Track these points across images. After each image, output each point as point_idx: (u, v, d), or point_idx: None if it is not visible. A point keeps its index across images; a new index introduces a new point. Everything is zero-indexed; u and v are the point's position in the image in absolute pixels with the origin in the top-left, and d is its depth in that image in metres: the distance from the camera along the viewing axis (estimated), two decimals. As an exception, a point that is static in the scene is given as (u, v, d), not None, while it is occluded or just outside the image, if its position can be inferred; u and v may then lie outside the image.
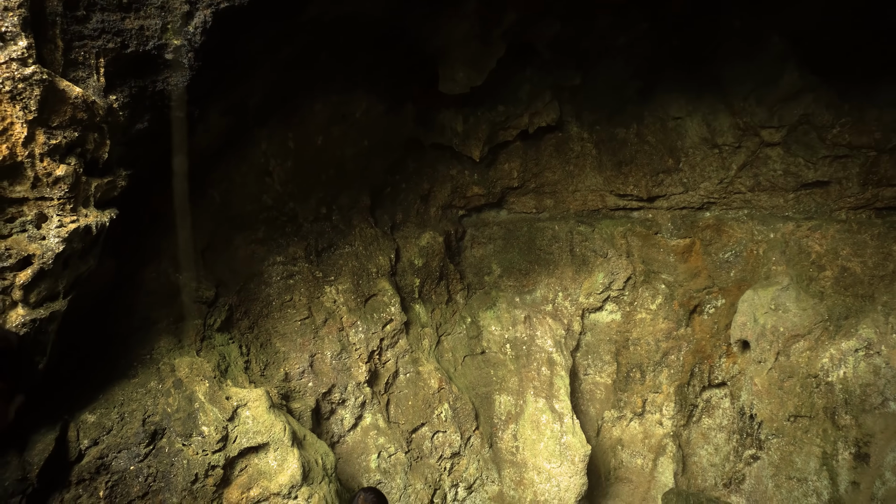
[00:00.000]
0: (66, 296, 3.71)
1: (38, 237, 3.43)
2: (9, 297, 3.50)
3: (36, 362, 3.76)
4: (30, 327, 3.57)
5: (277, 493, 4.49)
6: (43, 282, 3.53)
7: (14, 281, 3.45)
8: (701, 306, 6.80)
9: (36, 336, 3.66)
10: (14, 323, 3.55)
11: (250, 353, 5.33)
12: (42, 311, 3.61)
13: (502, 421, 6.66)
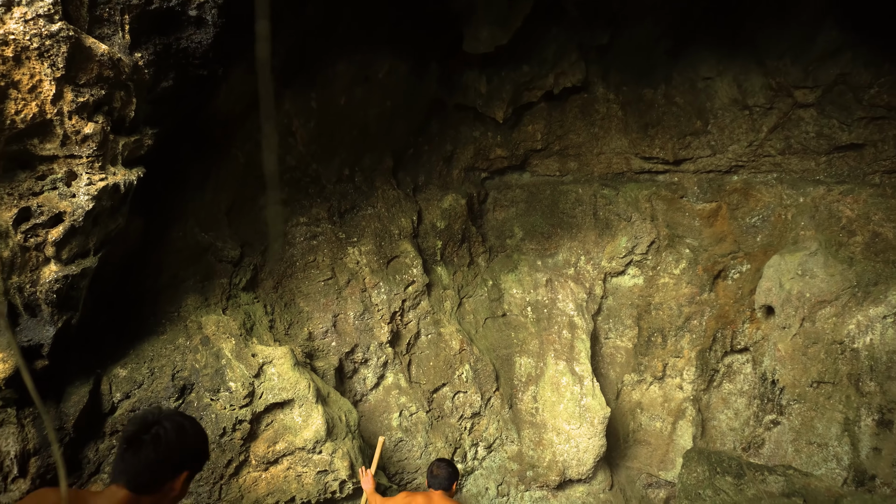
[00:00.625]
0: (96, 253, 3.78)
1: (68, 195, 3.48)
2: (42, 254, 3.58)
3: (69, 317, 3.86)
4: (62, 283, 3.65)
5: (302, 447, 4.61)
6: (74, 239, 3.59)
7: (46, 237, 3.52)
8: (725, 271, 6.73)
9: (68, 292, 3.74)
10: (47, 279, 3.64)
11: (275, 313, 5.42)
12: (74, 267, 3.68)
13: (522, 383, 6.72)
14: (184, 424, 1.92)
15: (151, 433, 1.86)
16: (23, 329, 3.74)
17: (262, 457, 4.57)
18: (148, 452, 1.83)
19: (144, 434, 1.85)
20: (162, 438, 1.85)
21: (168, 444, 1.85)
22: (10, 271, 3.58)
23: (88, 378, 4.25)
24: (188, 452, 1.95)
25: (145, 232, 4.66)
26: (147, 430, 1.86)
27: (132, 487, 1.83)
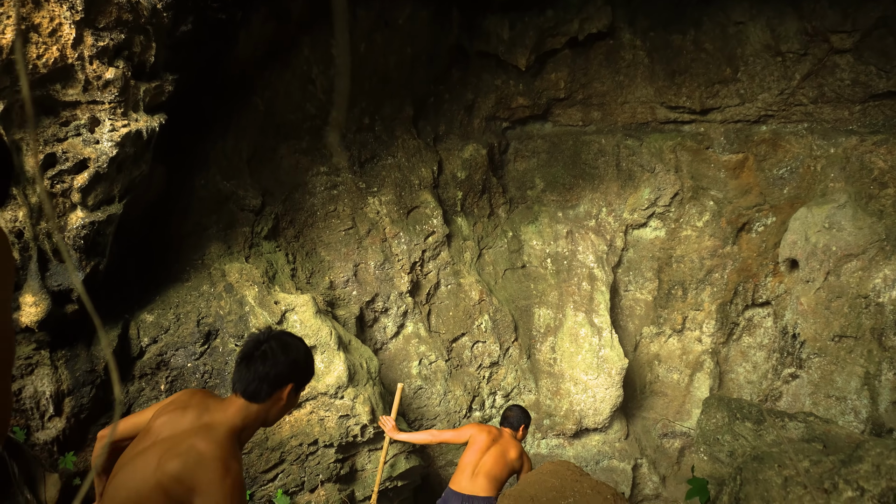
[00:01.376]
0: (121, 199, 3.82)
1: (92, 141, 3.49)
2: (68, 200, 3.63)
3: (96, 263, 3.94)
4: (89, 229, 3.71)
5: (325, 392, 4.72)
6: (99, 185, 3.63)
7: (72, 184, 3.56)
8: (750, 224, 6.62)
9: (95, 238, 3.81)
10: (74, 225, 3.70)
11: (296, 262, 5.47)
12: (100, 213, 3.73)
13: (541, 333, 6.77)
14: (289, 342, 2.21)
15: (261, 349, 2.15)
16: (52, 274, 3.83)
17: (285, 400, 4.69)
18: (258, 366, 2.13)
19: (256, 351, 2.15)
20: (269, 354, 2.15)
21: (275, 358, 2.15)
22: (38, 218, 3.64)
23: (117, 323, 4.36)
24: (292, 366, 2.21)
25: (168, 180, 4.70)
26: (258, 348, 2.15)
27: (246, 396, 2.14)
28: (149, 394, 4.47)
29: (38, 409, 4.09)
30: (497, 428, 4.87)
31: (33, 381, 4.03)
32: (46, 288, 3.77)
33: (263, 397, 2.15)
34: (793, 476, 1.59)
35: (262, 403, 2.17)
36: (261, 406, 2.17)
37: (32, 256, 3.71)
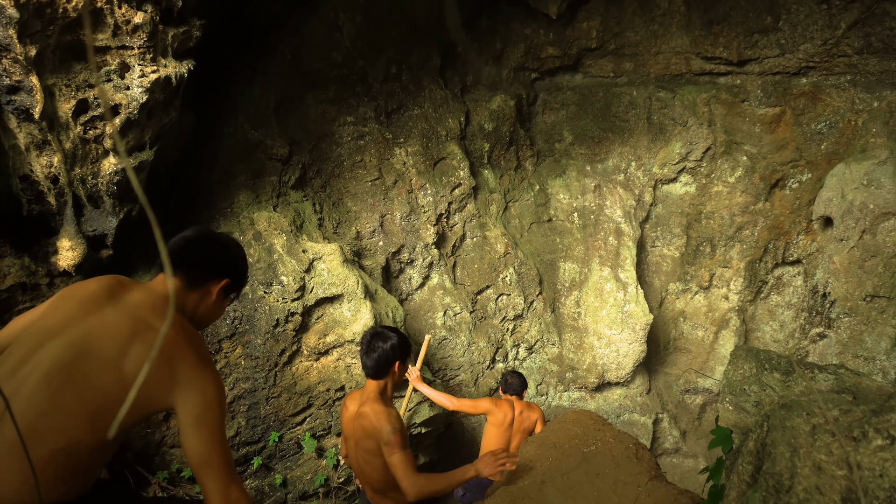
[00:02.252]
0: (151, 146, 3.85)
1: (122, 87, 3.51)
2: (101, 146, 3.67)
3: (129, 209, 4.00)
4: (121, 175, 3.76)
5: (351, 340, 4.81)
6: (130, 131, 3.66)
7: (104, 130, 3.59)
8: (784, 180, 6.46)
9: (127, 184, 3.86)
10: (107, 171, 3.75)
11: (323, 211, 5.50)
12: (131, 160, 3.78)
13: (566, 287, 6.76)
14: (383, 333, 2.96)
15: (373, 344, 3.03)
16: (87, 219, 3.91)
17: (313, 348, 4.80)
18: (373, 355, 3.00)
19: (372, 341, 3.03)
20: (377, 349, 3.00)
21: (383, 348, 2.99)
22: (72, 163, 3.70)
23: (150, 268, 4.46)
24: (397, 349, 3.02)
25: (197, 128, 4.72)
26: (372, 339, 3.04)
27: (371, 376, 3.04)
28: (181, 338, 4.60)
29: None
30: (507, 401, 4.87)
31: (72, 322, 4.16)
32: (82, 233, 3.86)
33: (384, 374, 3.05)
34: (821, 424, 1.58)
35: (383, 379, 3.06)
36: (383, 381, 3.07)
37: (68, 202, 3.78)
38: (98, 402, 1.54)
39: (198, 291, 1.91)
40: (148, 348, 1.58)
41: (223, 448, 1.60)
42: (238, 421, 4.78)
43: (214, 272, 1.95)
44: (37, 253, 3.91)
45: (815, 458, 1.53)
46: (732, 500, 1.77)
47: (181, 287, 1.86)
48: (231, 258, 2.04)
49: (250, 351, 4.68)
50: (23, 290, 3.95)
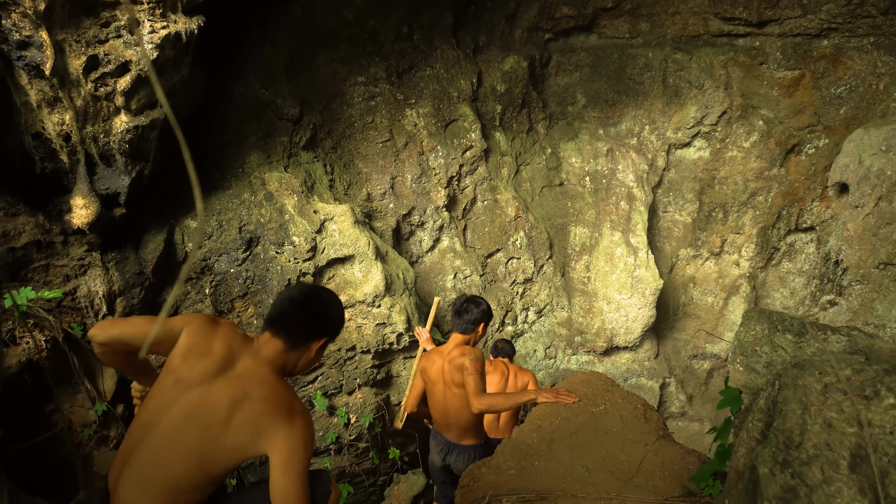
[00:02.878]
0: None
1: (132, 43, 3.47)
2: (112, 104, 3.65)
3: (141, 168, 4.01)
4: (133, 133, 3.75)
5: (362, 301, 4.84)
6: (141, 89, 3.64)
7: (115, 87, 3.57)
8: (800, 146, 6.36)
9: (139, 143, 3.86)
10: (119, 129, 3.74)
11: (334, 173, 5.49)
12: (143, 118, 3.76)
13: (576, 252, 6.76)
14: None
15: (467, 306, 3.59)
16: (100, 178, 3.92)
17: (324, 308, 4.83)
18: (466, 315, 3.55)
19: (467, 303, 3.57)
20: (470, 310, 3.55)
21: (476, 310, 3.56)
22: (84, 121, 3.69)
23: (162, 228, 4.49)
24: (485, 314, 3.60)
25: (207, 86, 4.68)
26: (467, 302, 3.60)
27: (461, 331, 3.58)
28: (194, 297, 4.64)
29: (92, 308, 4.30)
30: (501, 363, 5.04)
31: (86, 281, 4.21)
32: (95, 191, 3.87)
33: (470, 331, 3.59)
34: (833, 383, 1.59)
35: (467, 335, 3.60)
36: (466, 337, 3.60)
37: (80, 160, 3.79)
38: (199, 458, 1.87)
39: (298, 350, 2.09)
40: (243, 415, 1.89)
41: (303, 489, 1.86)
42: (251, 379, 4.86)
43: (315, 335, 2.11)
44: (51, 211, 3.93)
45: (825, 415, 1.54)
46: (741, 457, 1.79)
47: (283, 348, 2.05)
48: (332, 321, 2.17)
49: (263, 310, 4.73)
50: (38, 247, 4.00)
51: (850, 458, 1.46)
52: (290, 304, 2.09)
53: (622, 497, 2.49)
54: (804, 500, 1.47)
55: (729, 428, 2.58)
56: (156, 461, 1.87)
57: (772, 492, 1.53)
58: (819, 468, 1.48)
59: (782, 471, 1.53)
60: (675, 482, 2.61)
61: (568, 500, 2.47)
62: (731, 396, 2.46)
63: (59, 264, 4.10)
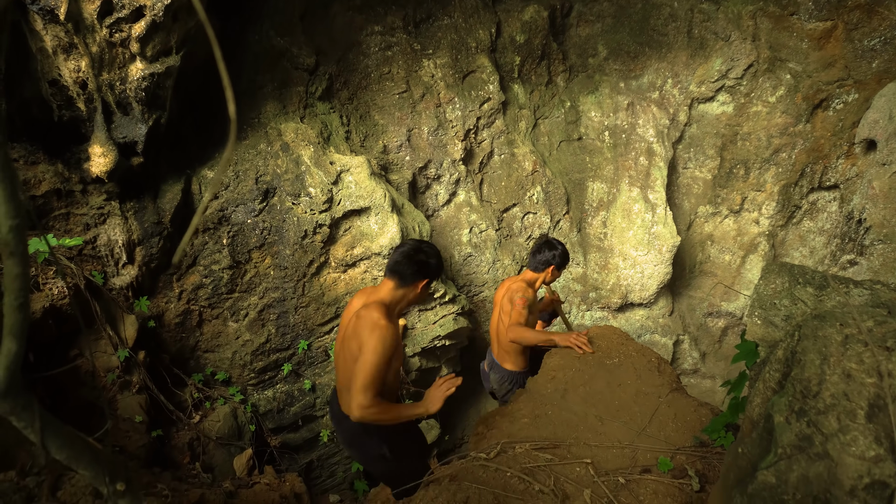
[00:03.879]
0: (178, 51, 3.79)
1: (146, -13, 3.42)
2: (127, 50, 3.62)
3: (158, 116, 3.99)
4: (149, 81, 3.73)
5: (378, 252, 4.85)
6: (156, 35, 3.60)
7: (130, 33, 3.53)
8: (828, 101, 6.17)
9: (155, 90, 3.83)
10: (135, 76, 3.71)
11: (350, 124, 5.44)
12: (158, 65, 3.73)
13: (593, 207, 6.70)
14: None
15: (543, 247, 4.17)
16: (117, 126, 3.92)
17: (340, 259, 4.86)
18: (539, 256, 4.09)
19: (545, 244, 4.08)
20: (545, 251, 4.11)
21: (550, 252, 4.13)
22: (99, 68, 3.67)
23: (180, 177, 4.50)
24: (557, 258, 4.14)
25: (222, 34, 4.62)
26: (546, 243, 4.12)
27: (532, 268, 4.18)
28: (212, 247, 4.68)
29: (112, 257, 4.36)
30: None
31: (106, 230, 4.26)
32: (113, 139, 3.88)
33: (540, 270, 4.09)
34: (854, 334, 1.57)
35: (539, 273, 4.10)
36: (537, 275, 4.10)
37: (97, 108, 3.78)
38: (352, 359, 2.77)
39: (407, 288, 2.92)
40: (353, 329, 2.81)
41: (370, 371, 2.65)
42: (268, 329, 4.93)
43: (418, 276, 2.91)
44: (69, 160, 3.96)
45: (845, 365, 1.53)
46: (756, 406, 1.79)
47: (394, 286, 2.91)
48: (430, 266, 2.95)
49: (279, 261, 4.77)
50: (58, 196, 4.03)
51: (867, 407, 1.46)
52: (400, 255, 2.90)
53: (634, 446, 2.52)
54: (819, 447, 1.47)
55: (743, 381, 2.59)
56: (340, 368, 2.96)
57: (786, 439, 1.53)
58: (835, 417, 1.48)
59: (798, 419, 1.53)
60: (688, 433, 2.64)
61: (581, 448, 2.51)
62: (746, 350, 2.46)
63: (79, 213, 4.14)
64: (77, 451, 0.90)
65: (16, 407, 0.77)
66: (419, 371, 5.64)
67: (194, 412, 4.77)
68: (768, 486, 1.54)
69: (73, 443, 0.90)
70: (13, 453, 2.62)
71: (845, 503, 1.43)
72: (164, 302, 4.69)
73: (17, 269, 0.60)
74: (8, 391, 0.73)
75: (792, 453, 1.52)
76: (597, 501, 2.16)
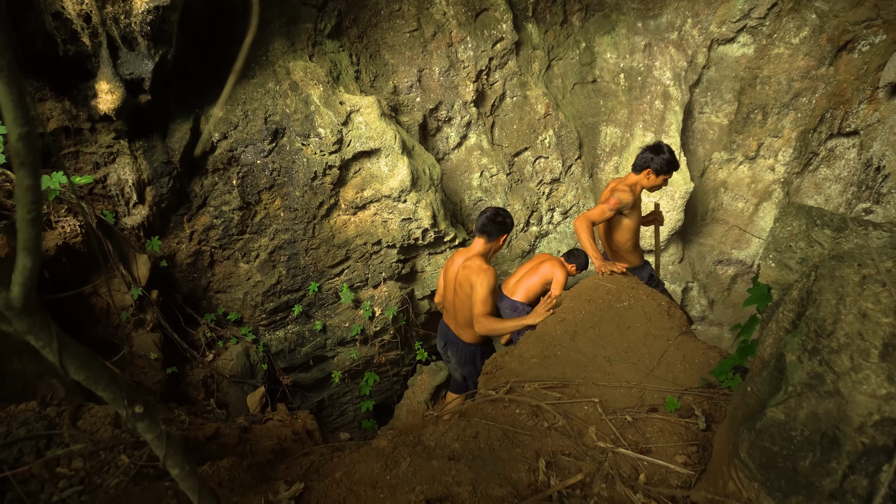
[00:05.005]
0: (183, -17, 3.68)
1: (149, -87, 3.29)
2: (131, -19, 3.51)
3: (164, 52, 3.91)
4: (154, 14, 3.64)
5: (388, 195, 4.82)
6: (161, -35, 3.49)
7: (133, -37, 3.42)
8: (854, 42, 5.96)
9: (160, 25, 3.74)
10: (139, 10, 3.62)
11: (360, 63, 5.32)
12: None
13: (606, 153, 6.59)
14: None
15: (652, 145, 4.33)
16: (123, 62, 3.85)
17: (350, 202, 4.84)
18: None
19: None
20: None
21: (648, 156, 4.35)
22: (104, 0, 3.57)
23: (188, 116, 4.44)
24: (650, 158, 4.31)
25: (228, -34, 4.48)
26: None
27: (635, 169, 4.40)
28: (222, 188, 4.67)
29: (122, 196, 4.36)
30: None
31: (116, 169, 4.24)
32: (119, 76, 3.81)
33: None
34: (872, 275, 1.55)
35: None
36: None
37: (102, 42, 3.70)
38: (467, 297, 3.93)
39: (493, 242, 4.02)
40: (465, 274, 3.94)
41: (485, 303, 3.79)
42: (279, 270, 4.97)
43: (501, 233, 4.01)
44: (77, 97, 3.91)
45: (861, 305, 1.52)
46: (768, 346, 1.79)
47: (484, 241, 4.00)
48: (508, 225, 4.06)
49: (289, 203, 4.75)
50: (66, 133, 4.00)
51: (881, 347, 1.45)
52: (486, 219, 3.96)
53: (642, 386, 2.55)
54: (830, 385, 1.48)
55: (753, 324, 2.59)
56: (458, 309, 4.11)
57: (798, 378, 1.54)
58: (849, 356, 1.47)
59: (810, 358, 1.53)
60: (696, 374, 2.66)
61: (589, 388, 2.54)
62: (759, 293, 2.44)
63: (88, 151, 4.12)
64: (95, 373, 0.91)
65: (33, 326, 0.77)
66: (428, 314, 5.69)
67: (207, 351, 4.86)
68: (777, 422, 1.55)
69: (92, 364, 0.90)
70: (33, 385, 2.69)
71: (853, 439, 1.44)
72: (175, 242, 4.71)
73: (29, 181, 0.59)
74: (24, 309, 0.73)
75: (802, 391, 1.52)
76: (603, 438, 2.20)
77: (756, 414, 1.66)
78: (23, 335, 0.79)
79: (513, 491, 1.84)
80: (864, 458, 1.42)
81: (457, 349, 4.34)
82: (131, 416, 1.03)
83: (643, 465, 2.05)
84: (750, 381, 1.80)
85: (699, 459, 2.09)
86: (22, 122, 0.54)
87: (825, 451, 1.47)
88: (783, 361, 1.60)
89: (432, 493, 1.79)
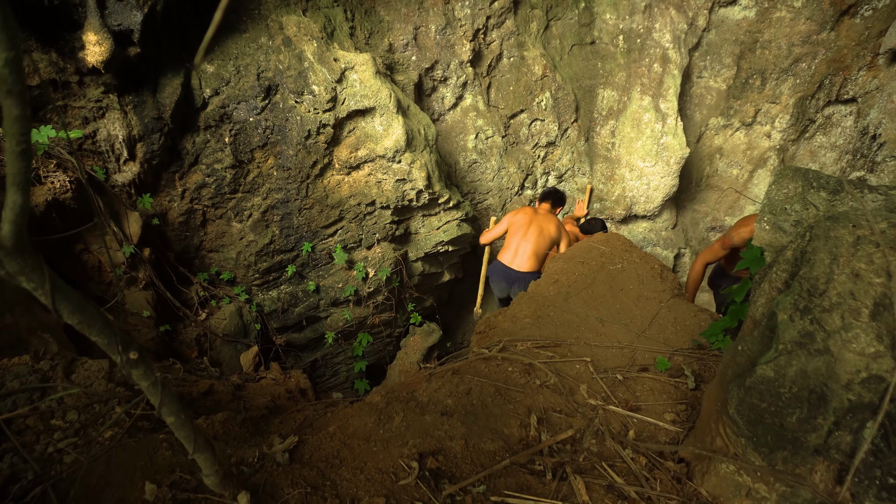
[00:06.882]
0: (172, -69, 3.56)
1: None
2: (118, -72, 3.40)
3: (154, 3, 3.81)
4: (143, -37, 3.52)
5: (382, 155, 4.78)
6: (148, -89, 3.37)
7: None
8: (857, 6, 5.86)
9: (150, -25, 3.63)
10: (127, -42, 3.50)
11: (355, 20, 5.21)
12: (152, -54, 3.51)
13: (602, 116, 6.53)
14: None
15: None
16: (111, 13, 3.75)
17: (344, 161, 4.80)
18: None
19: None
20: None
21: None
22: (89, -52, 3.46)
23: (179, 71, 4.35)
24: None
25: (218, -85, 4.33)
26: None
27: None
28: (214, 146, 4.61)
29: (113, 153, 4.30)
30: (531, 207, 5.15)
31: (105, 124, 4.17)
32: (107, 27, 3.72)
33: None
34: (866, 235, 1.56)
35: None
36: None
37: None
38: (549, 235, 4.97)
39: (557, 208, 5.30)
40: (547, 226, 5.09)
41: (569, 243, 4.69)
42: (272, 230, 4.94)
43: (560, 203, 5.37)
44: (63, 48, 3.81)
45: (854, 265, 1.53)
46: (760, 307, 1.81)
47: (549, 207, 5.31)
48: (564, 197, 5.41)
49: (282, 162, 4.71)
50: (54, 87, 3.92)
51: (872, 306, 1.46)
52: (547, 190, 5.29)
53: (633, 347, 2.58)
54: (820, 343, 1.49)
55: (745, 287, 2.61)
56: (533, 242, 5.01)
57: (788, 336, 1.55)
58: (840, 315, 1.49)
59: (802, 317, 1.55)
60: (686, 336, 2.69)
61: (581, 348, 2.56)
62: (752, 256, 2.46)
63: (76, 105, 4.04)
64: (89, 317, 0.90)
65: (25, 267, 0.76)
66: (421, 276, 5.70)
67: (200, 310, 4.87)
68: (766, 379, 1.58)
69: (85, 308, 0.90)
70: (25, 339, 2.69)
71: (840, 396, 1.46)
72: (167, 200, 4.67)
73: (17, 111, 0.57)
74: (16, 248, 0.72)
75: (792, 349, 1.54)
76: (594, 396, 2.23)
77: (746, 372, 1.68)
78: (14, 277, 0.77)
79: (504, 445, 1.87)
80: (850, 415, 1.45)
81: (524, 284, 4.99)
82: (126, 363, 1.03)
83: (633, 422, 2.08)
84: (741, 341, 1.82)
85: (688, 417, 2.13)
86: (8, 45, 0.52)
87: (812, 408, 1.50)
88: (775, 320, 1.61)
89: (425, 446, 1.81)
